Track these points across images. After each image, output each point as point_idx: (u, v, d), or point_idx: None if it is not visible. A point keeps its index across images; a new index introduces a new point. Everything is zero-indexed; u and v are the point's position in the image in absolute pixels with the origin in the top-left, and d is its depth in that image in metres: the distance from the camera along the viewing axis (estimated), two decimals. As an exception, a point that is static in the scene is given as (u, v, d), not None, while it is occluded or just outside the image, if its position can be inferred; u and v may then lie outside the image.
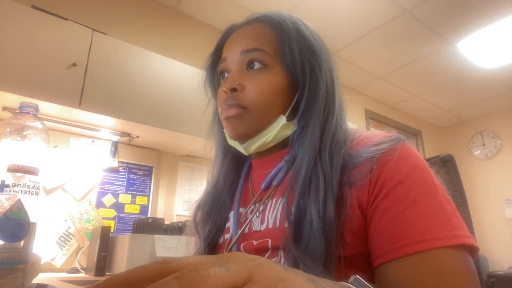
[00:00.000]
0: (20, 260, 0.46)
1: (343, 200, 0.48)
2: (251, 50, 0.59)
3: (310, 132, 0.55)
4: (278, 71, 0.59)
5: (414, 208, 0.44)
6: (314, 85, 0.57)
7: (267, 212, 0.57)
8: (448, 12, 2.58)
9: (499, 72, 3.38)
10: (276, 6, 2.58)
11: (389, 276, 0.43)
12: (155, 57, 2.09)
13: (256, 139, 0.59)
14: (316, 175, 0.51)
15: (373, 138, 0.53)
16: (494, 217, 3.95)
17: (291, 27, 0.61)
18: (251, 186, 0.65)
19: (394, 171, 0.47)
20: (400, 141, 0.51)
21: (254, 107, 0.57)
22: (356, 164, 0.50)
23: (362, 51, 3.09)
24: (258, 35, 0.61)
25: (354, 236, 0.47)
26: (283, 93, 0.59)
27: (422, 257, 0.41)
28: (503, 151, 4.13)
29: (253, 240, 0.56)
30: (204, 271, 0.19)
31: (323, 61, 0.59)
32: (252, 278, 0.21)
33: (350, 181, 0.49)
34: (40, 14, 1.74)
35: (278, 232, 0.53)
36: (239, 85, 0.58)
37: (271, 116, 0.58)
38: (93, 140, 2.14)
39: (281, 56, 0.59)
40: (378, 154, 0.49)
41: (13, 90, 1.57)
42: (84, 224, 2.01)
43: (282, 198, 0.55)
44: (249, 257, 0.23)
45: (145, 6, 2.52)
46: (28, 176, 0.49)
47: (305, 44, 0.60)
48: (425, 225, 0.43)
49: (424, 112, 4.33)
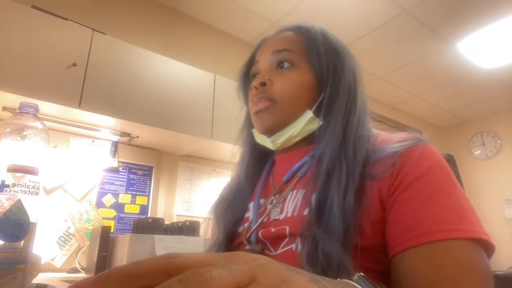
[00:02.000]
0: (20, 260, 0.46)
1: (364, 191, 0.50)
2: (280, 51, 0.64)
3: (333, 125, 0.59)
4: (305, 69, 0.63)
5: (432, 201, 0.45)
6: (337, 83, 0.62)
7: (286, 202, 0.60)
8: (448, 12, 2.58)
9: (499, 72, 3.38)
10: (276, 6, 2.59)
11: (404, 264, 0.44)
12: (155, 57, 2.09)
13: (283, 132, 0.63)
14: (339, 165, 0.53)
15: (396, 137, 0.56)
16: (494, 217, 3.95)
17: (317, 32, 0.67)
18: (272, 180, 0.68)
19: (415, 165, 0.49)
20: (422, 140, 0.54)
21: (282, 100, 0.62)
22: (379, 158, 0.52)
23: (362, 51, 3.09)
24: (288, 39, 0.67)
25: (372, 226, 0.48)
26: (310, 90, 0.63)
27: (438, 247, 0.42)
28: (503, 151, 4.13)
29: (272, 228, 0.58)
30: (207, 273, 0.19)
31: (346, 61, 0.64)
32: (255, 278, 0.21)
33: (372, 174, 0.51)
34: (40, 14, 1.74)
35: (297, 219, 0.55)
36: (268, 79, 0.63)
37: (297, 110, 0.62)
38: (93, 140, 2.14)
39: (308, 56, 0.64)
40: (402, 149, 0.51)
41: (13, 90, 1.57)
42: (84, 224, 2.01)
43: (303, 189, 0.58)
44: (252, 257, 0.23)
45: (145, 6, 2.52)
46: (28, 176, 0.49)
47: (329, 46, 0.65)
48: (441, 217, 0.44)
49: (424, 112, 4.33)
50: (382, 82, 3.64)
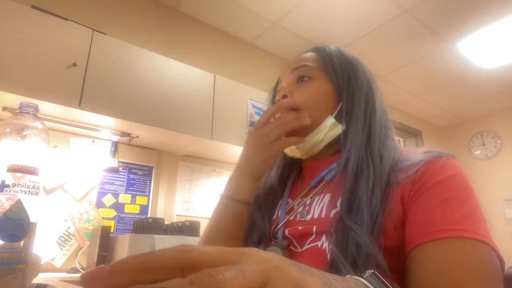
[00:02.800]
0: (20, 260, 0.46)
1: (389, 196, 0.52)
2: (298, 67, 0.70)
3: (354, 129, 0.63)
4: (323, 80, 0.69)
5: (448, 204, 0.48)
6: (352, 90, 0.67)
7: (313, 205, 0.62)
8: (448, 12, 2.58)
9: (499, 72, 3.38)
10: (276, 6, 2.59)
11: (416, 259, 0.46)
12: (155, 57, 2.09)
13: (308, 138, 0.66)
14: (367, 167, 0.57)
15: (421, 149, 0.59)
16: (494, 217, 3.95)
17: (332, 48, 0.73)
18: (301, 184, 0.71)
19: (436, 173, 0.52)
20: (445, 153, 0.56)
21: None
22: (404, 166, 0.55)
23: (362, 51, 3.09)
24: (306, 57, 0.73)
25: (395, 228, 0.51)
26: (329, 98, 0.67)
27: (449, 243, 0.44)
28: (503, 151, 4.13)
29: (298, 226, 0.61)
30: (219, 275, 0.19)
31: (359, 71, 0.69)
32: (268, 282, 0.20)
33: (397, 180, 0.54)
34: (40, 14, 1.74)
35: (323, 220, 0.58)
36: (289, 92, 0.69)
37: (319, 116, 0.66)
38: (93, 140, 2.14)
39: (324, 68, 0.69)
40: (426, 159, 0.54)
41: (13, 90, 1.57)
42: (84, 224, 2.01)
43: (329, 193, 0.61)
44: (266, 256, 0.23)
45: (145, 6, 2.52)
46: (28, 176, 0.49)
47: (343, 58, 0.71)
48: (455, 219, 0.46)
49: (424, 112, 4.33)
50: (382, 82, 3.62)
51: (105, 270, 0.21)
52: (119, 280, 0.21)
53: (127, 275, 0.21)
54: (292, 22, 2.73)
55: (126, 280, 0.21)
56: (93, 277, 0.21)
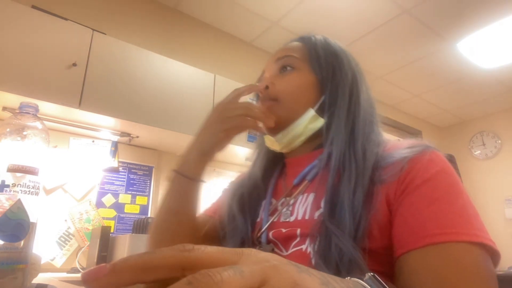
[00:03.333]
0: (20, 260, 0.46)
1: (373, 195, 0.50)
2: (282, 57, 0.68)
3: (336, 124, 0.61)
4: (306, 71, 0.66)
5: (438, 205, 0.46)
6: (336, 83, 0.64)
7: (297, 205, 0.60)
8: (448, 12, 2.58)
9: (499, 72, 3.38)
10: (276, 6, 2.59)
11: (408, 265, 0.44)
12: (155, 57, 2.09)
13: (287, 131, 0.64)
14: (349, 164, 0.54)
15: (405, 143, 0.57)
16: (494, 217, 3.95)
17: (318, 38, 0.71)
18: (284, 182, 0.69)
19: (423, 170, 0.50)
20: (430, 147, 0.54)
21: (284, 98, 0.64)
22: (388, 163, 0.53)
23: (362, 51, 3.09)
24: (290, 47, 0.71)
25: (380, 230, 0.49)
26: (311, 90, 0.65)
27: (442, 248, 0.42)
28: (503, 151, 4.13)
29: (282, 228, 0.59)
30: (217, 276, 0.19)
31: (344, 61, 0.67)
32: (266, 282, 0.21)
33: (381, 179, 0.52)
34: (40, 14, 1.74)
35: (307, 222, 0.56)
36: (271, 83, 0.67)
37: (300, 108, 0.64)
38: (93, 140, 2.14)
39: (309, 59, 0.67)
40: (410, 155, 0.52)
41: (13, 90, 1.57)
42: (84, 224, 2.01)
43: (313, 193, 0.59)
44: (264, 256, 0.23)
45: (145, 6, 2.52)
46: (28, 176, 0.49)
47: (329, 49, 0.69)
48: (447, 221, 0.44)
49: (424, 112, 4.33)
50: (382, 82, 3.64)
51: (106, 269, 0.21)
52: (120, 279, 0.21)
53: (128, 274, 0.21)
54: (292, 22, 2.73)
55: (127, 279, 0.21)
56: (94, 276, 0.21)
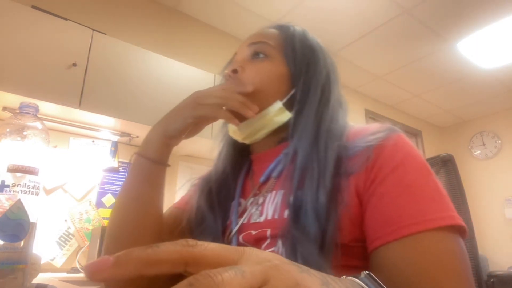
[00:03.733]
0: (20, 260, 0.46)
1: (341, 189, 0.49)
2: (256, 43, 0.65)
3: (304, 120, 0.58)
4: (279, 62, 0.63)
5: (409, 192, 0.46)
6: (309, 79, 0.62)
7: (266, 204, 0.58)
8: (448, 12, 2.58)
9: (499, 72, 3.38)
10: (277, 6, 2.59)
11: (386, 258, 0.44)
12: (155, 57, 2.09)
13: (251, 121, 0.60)
14: (311, 164, 0.53)
15: (369, 129, 0.55)
16: (494, 217, 3.95)
17: (296, 29, 0.68)
18: (252, 180, 0.66)
19: (389, 157, 0.49)
20: (395, 131, 0.53)
21: (252, 85, 0.61)
22: (352, 154, 0.52)
23: (362, 51, 3.09)
24: (266, 33, 0.68)
25: (351, 223, 0.48)
26: (281, 82, 0.62)
27: (418, 239, 0.42)
28: (503, 151, 4.13)
29: (252, 230, 0.57)
30: (218, 277, 0.19)
31: (320, 58, 0.64)
32: (268, 282, 0.21)
33: (347, 171, 0.51)
34: (40, 14, 1.74)
35: (277, 222, 0.54)
36: (240, 67, 0.63)
37: (267, 99, 0.61)
38: (93, 140, 2.14)
39: (284, 50, 0.64)
40: (375, 142, 0.51)
41: (13, 90, 1.57)
42: (84, 224, 2.01)
43: (281, 190, 0.57)
44: (266, 256, 0.23)
45: (145, 6, 2.52)
46: (28, 176, 0.49)
47: (305, 42, 0.66)
48: (419, 208, 0.44)
49: (424, 112, 4.33)
50: (382, 82, 3.64)
51: (109, 261, 0.21)
52: (123, 271, 0.21)
53: (131, 267, 0.21)
54: (292, 22, 2.73)
55: (130, 271, 0.21)
56: (97, 268, 0.21)
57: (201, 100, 0.59)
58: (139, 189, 0.60)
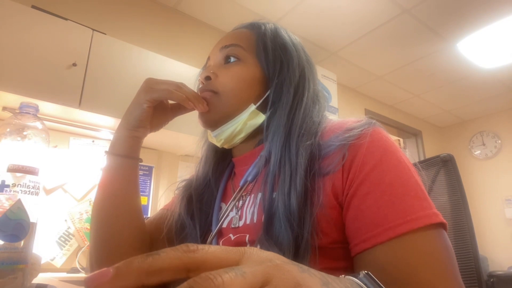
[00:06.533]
0: (20, 260, 0.46)
1: (316, 190, 0.48)
2: (228, 46, 0.64)
3: (277, 122, 0.57)
4: (252, 64, 0.62)
5: (392, 191, 0.45)
6: (282, 79, 0.61)
7: (245, 208, 0.58)
8: (448, 12, 2.58)
9: (499, 72, 3.38)
10: (277, 6, 2.59)
11: (373, 261, 0.43)
12: (155, 57, 2.09)
13: (226, 126, 0.61)
14: (283, 168, 0.52)
15: (343, 125, 0.53)
16: (494, 217, 3.95)
17: (268, 28, 0.66)
18: (233, 183, 0.66)
19: (367, 156, 0.48)
20: (371, 125, 0.51)
21: (224, 91, 0.60)
22: (327, 153, 0.51)
23: (362, 51, 3.09)
24: (238, 34, 0.66)
25: (329, 225, 0.47)
26: (255, 84, 0.61)
27: (405, 240, 0.42)
28: (503, 151, 4.13)
29: (231, 235, 0.57)
30: (218, 278, 0.18)
31: (294, 56, 0.63)
32: (269, 282, 0.20)
33: (322, 171, 0.49)
34: (40, 14, 1.74)
35: (255, 227, 0.54)
36: (213, 73, 0.62)
37: (241, 104, 0.60)
38: (93, 140, 2.14)
39: (256, 50, 0.63)
40: (349, 140, 0.49)
41: (13, 90, 1.57)
42: (84, 224, 2.01)
43: (259, 193, 0.56)
44: (267, 256, 0.23)
45: (145, 6, 2.52)
46: (28, 176, 0.49)
47: (278, 42, 0.64)
48: (403, 207, 0.44)
49: (424, 112, 4.33)
50: (382, 82, 3.64)
51: (109, 273, 0.20)
52: (125, 282, 0.20)
53: (132, 277, 0.20)
54: (292, 22, 2.73)
55: (131, 282, 0.20)
56: (98, 281, 0.20)
57: (153, 85, 0.61)
58: (113, 185, 0.60)
